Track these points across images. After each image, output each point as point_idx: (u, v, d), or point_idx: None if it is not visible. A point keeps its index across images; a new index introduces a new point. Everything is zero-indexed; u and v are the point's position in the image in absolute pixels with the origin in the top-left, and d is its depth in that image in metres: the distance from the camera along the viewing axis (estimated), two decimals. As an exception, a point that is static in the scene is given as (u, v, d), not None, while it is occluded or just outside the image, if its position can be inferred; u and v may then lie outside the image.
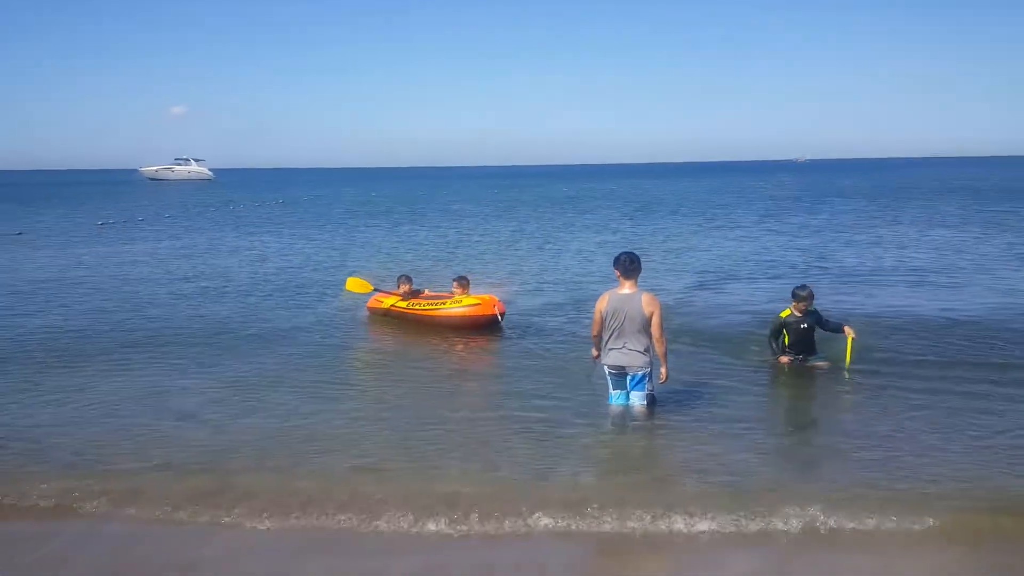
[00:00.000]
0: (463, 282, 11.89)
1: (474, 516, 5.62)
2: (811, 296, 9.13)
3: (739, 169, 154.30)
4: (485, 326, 11.34)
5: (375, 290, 12.84)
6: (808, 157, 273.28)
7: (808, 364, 9.27)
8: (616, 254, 7.58)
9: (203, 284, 16.84)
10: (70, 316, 13.40)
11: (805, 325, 9.15)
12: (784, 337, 9.26)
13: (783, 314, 9.24)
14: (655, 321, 7.25)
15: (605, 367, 7.57)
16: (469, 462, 6.63)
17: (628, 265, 7.34)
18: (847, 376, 9.01)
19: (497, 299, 11.54)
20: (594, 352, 7.71)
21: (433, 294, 12.54)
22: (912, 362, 9.51)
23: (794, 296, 9.19)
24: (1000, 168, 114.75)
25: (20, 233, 30.28)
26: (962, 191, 51.60)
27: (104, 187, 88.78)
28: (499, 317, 11.24)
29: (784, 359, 9.24)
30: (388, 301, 12.42)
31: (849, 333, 9.16)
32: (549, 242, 25.27)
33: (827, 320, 9.39)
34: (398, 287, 12.58)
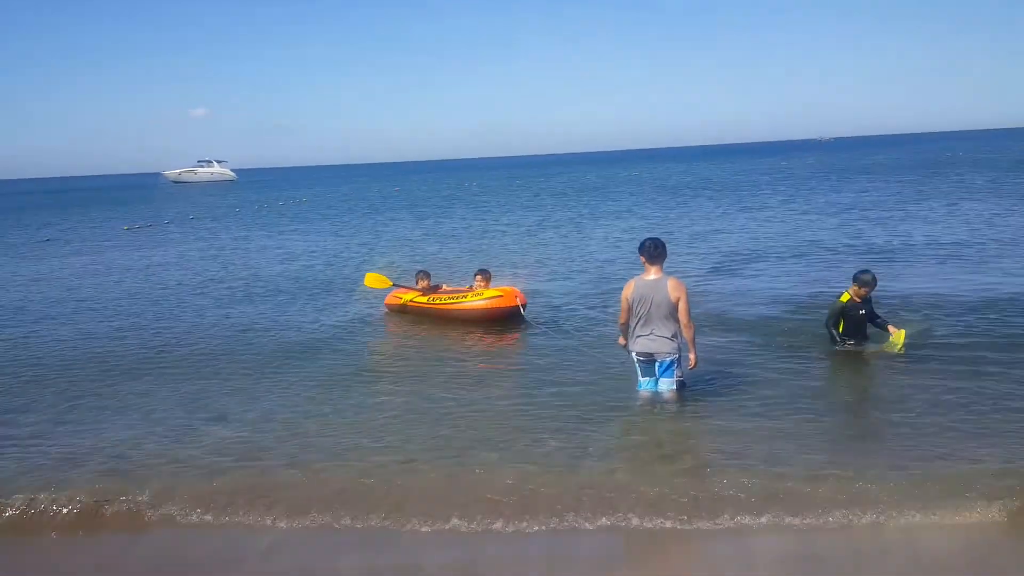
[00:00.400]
0: (485, 275, 11.80)
1: (506, 510, 5.61)
2: (874, 281, 8.69)
3: (763, 151, 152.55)
4: (507, 318, 11.25)
5: (394, 285, 12.75)
6: (832, 136, 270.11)
7: (861, 350, 8.89)
8: (640, 240, 7.54)
9: (230, 285, 16.97)
10: (101, 321, 13.56)
11: (863, 311, 8.81)
12: (840, 325, 8.90)
13: (843, 298, 8.82)
14: (682, 307, 7.21)
15: (633, 354, 7.53)
16: (499, 456, 6.57)
17: (653, 251, 7.31)
18: (895, 363, 8.55)
19: (518, 290, 11.46)
20: (621, 340, 7.68)
21: (452, 288, 12.38)
22: (951, 345, 9.13)
23: (856, 280, 8.73)
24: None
25: (47, 240, 30.68)
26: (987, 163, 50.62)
27: (128, 192, 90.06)
28: (521, 308, 11.16)
29: (848, 343, 8.85)
30: (407, 296, 12.30)
31: (896, 333, 8.74)
32: (574, 230, 25.16)
33: (876, 314, 9.01)
34: (416, 282, 12.45)
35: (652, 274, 7.32)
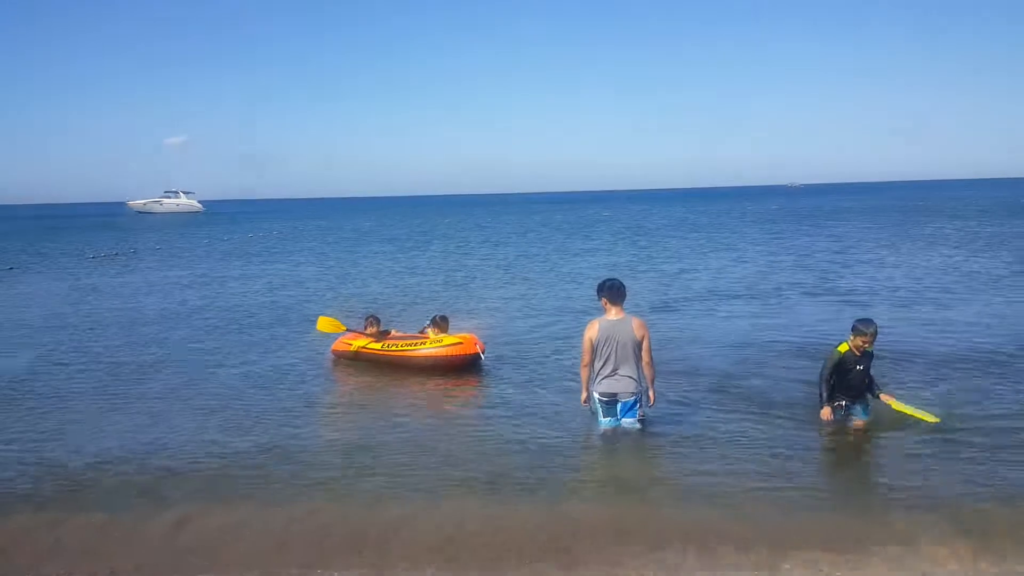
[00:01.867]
0: (442, 322, 11.25)
1: (470, 561, 5.40)
2: (875, 333, 7.56)
3: (733, 195, 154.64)
4: (467, 365, 10.75)
5: (347, 330, 11.92)
6: (801, 182, 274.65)
7: (851, 418, 7.87)
8: (600, 281, 7.59)
9: (188, 316, 16.79)
10: (62, 351, 13.28)
11: (860, 367, 7.69)
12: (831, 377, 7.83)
13: (841, 348, 7.67)
14: (646, 345, 7.31)
15: (596, 395, 7.51)
16: (461, 504, 6.34)
17: (615, 292, 7.37)
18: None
19: (476, 336, 11.04)
20: (583, 395, 7.65)
21: (403, 335, 11.77)
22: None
23: (854, 331, 7.60)
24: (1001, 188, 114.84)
25: (11, 268, 30.12)
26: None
27: (91, 220, 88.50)
28: (481, 356, 10.79)
29: (826, 412, 7.72)
30: (358, 343, 11.51)
31: (889, 401, 7.88)
32: (536, 271, 25.19)
33: (870, 374, 7.89)
34: (365, 328, 11.73)
35: (614, 314, 7.35)
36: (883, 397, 7.90)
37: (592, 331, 7.36)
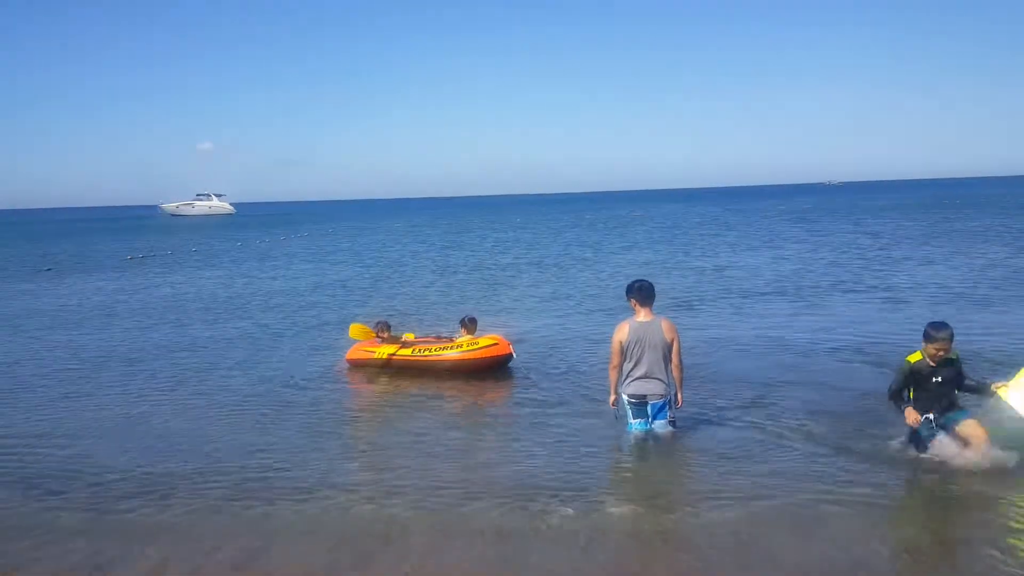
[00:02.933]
0: (471, 324, 11.02)
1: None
2: (951, 337, 6.52)
3: (772, 193, 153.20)
4: (500, 366, 10.72)
5: (377, 336, 11.55)
6: (840, 180, 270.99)
7: (948, 426, 6.67)
8: (628, 283, 7.50)
9: (220, 321, 16.84)
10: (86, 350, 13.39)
11: (939, 378, 6.62)
12: (910, 392, 6.79)
13: (912, 358, 6.69)
14: (675, 347, 7.23)
15: (625, 396, 7.39)
16: (492, 515, 6.14)
17: (645, 293, 7.29)
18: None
19: (503, 337, 10.90)
20: (611, 397, 7.51)
21: (425, 338, 11.49)
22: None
23: (926, 337, 6.58)
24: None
25: (49, 269, 30.68)
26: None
27: (126, 223, 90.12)
28: (513, 356, 10.72)
29: (912, 415, 6.62)
30: (386, 350, 11.19)
31: (1000, 388, 6.79)
32: (560, 270, 25.03)
33: (966, 376, 6.89)
34: (376, 335, 11.48)
35: (643, 315, 7.25)
36: (996, 390, 6.77)
37: (622, 333, 7.25)
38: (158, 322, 16.48)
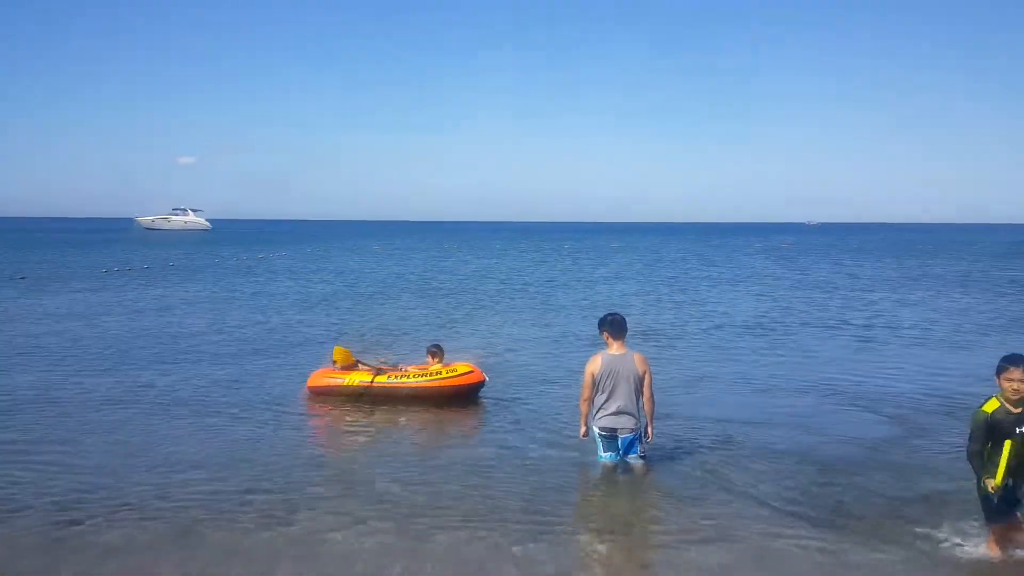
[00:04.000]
0: (437, 351, 10.84)
1: None
2: None
3: (749, 231, 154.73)
4: (474, 394, 10.61)
5: (356, 363, 11.14)
6: (819, 221, 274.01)
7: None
8: (601, 316, 7.53)
9: (203, 337, 16.67)
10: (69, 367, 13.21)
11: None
12: (1003, 453, 5.29)
13: (987, 408, 5.34)
14: (647, 380, 7.25)
15: (596, 429, 7.37)
16: (459, 546, 6.07)
17: (617, 327, 7.32)
18: None
19: (475, 365, 10.80)
20: (582, 429, 7.50)
21: (372, 366, 11.02)
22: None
23: (1000, 371, 5.34)
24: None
25: (23, 277, 30.34)
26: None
27: (102, 235, 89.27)
28: (485, 382, 10.65)
29: (991, 483, 5.36)
30: (353, 377, 10.74)
31: None
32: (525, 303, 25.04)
33: None
34: (334, 363, 11.04)
35: (616, 348, 7.28)
36: None
37: (594, 365, 7.26)
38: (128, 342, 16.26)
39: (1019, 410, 5.25)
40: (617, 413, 7.19)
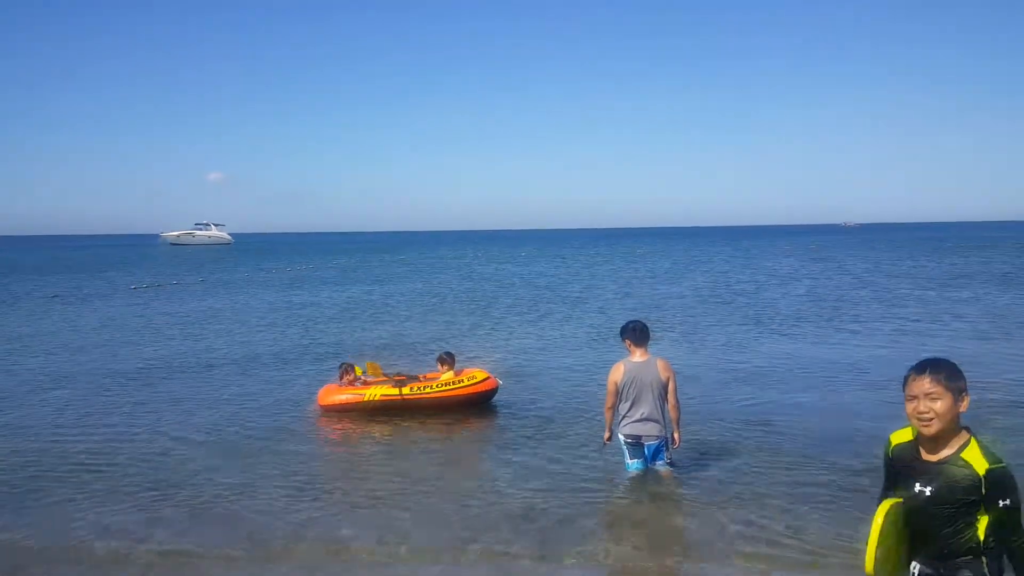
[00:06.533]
0: (449, 359, 10.79)
1: None
2: (940, 383, 3.06)
3: (787, 232, 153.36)
4: (489, 400, 10.67)
5: (386, 377, 10.98)
6: (857, 222, 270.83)
7: None
8: (623, 324, 7.40)
9: (227, 352, 16.72)
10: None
11: (928, 490, 3.09)
12: (876, 518, 3.16)
13: (896, 436, 3.34)
14: (671, 387, 7.09)
15: (621, 436, 7.24)
16: (494, 552, 6.01)
17: (640, 333, 7.19)
18: None
19: (488, 371, 10.86)
20: (606, 434, 7.39)
21: (371, 379, 10.85)
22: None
23: (904, 383, 3.20)
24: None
25: (55, 296, 30.73)
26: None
27: (129, 250, 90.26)
28: (498, 388, 10.74)
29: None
30: (373, 392, 10.53)
31: None
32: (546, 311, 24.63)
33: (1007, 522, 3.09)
34: (340, 378, 10.87)
35: (638, 356, 7.14)
36: None
37: (617, 373, 7.13)
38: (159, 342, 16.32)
39: (933, 456, 3.11)
40: (641, 420, 7.05)
